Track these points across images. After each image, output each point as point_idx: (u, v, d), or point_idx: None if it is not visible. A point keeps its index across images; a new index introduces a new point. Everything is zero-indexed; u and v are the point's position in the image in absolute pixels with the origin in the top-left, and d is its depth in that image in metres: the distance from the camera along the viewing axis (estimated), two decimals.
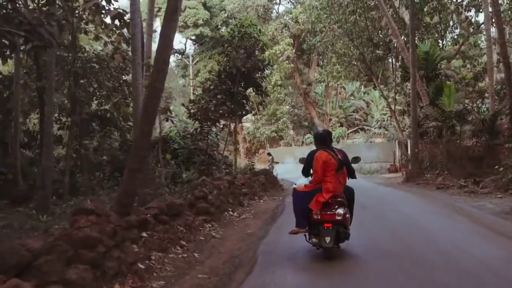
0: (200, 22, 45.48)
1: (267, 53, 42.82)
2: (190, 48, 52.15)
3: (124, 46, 17.10)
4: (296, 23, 42.02)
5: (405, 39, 21.54)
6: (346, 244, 6.65)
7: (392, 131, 38.58)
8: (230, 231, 9.15)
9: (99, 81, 17.45)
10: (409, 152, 23.51)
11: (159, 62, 7.32)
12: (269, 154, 27.86)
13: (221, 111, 17.07)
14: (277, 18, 46.10)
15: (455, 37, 24.25)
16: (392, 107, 26.85)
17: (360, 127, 46.20)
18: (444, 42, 24.80)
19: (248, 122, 52.69)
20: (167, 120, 13.75)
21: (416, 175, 18.11)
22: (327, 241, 6.19)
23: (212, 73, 17.03)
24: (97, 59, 17.50)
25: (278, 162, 42.34)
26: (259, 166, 27.66)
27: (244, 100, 17.39)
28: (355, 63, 26.81)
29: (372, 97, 50.66)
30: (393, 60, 25.55)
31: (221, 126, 17.82)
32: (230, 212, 11.01)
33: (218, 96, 16.61)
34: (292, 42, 43.60)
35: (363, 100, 52.62)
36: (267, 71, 17.30)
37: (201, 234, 8.24)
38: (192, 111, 13.42)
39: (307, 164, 6.92)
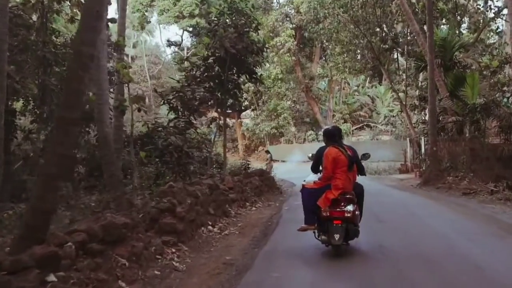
0: (197, 12, 42.99)
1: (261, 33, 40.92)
2: (187, 39, 49.74)
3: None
4: (298, 13, 39.52)
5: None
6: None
7: (400, 128, 36.23)
8: (203, 257, 6.75)
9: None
10: (422, 150, 21.10)
11: (88, 16, 4.93)
12: (267, 151, 25.54)
13: (210, 102, 14.72)
14: (278, 8, 43.57)
15: (474, 22, 21.69)
16: (402, 101, 24.35)
17: (365, 123, 43.75)
18: (461, 29, 22.28)
19: (247, 119, 50.40)
20: (139, 111, 11.35)
21: (435, 177, 15.69)
22: (336, 238, 6.15)
23: (197, 56, 14.58)
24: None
25: (278, 160, 40.13)
26: (257, 165, 25.25)
27: (236, 90, 14.95)
28: (362, 52, 24.30)
29: (377, 93, 48.41)
30: (406, 47, 22.97)
31: (210, 119, 15.43)
32: (210, 227, 8.61)
33: (206, 85, 14.22)
34: (294, 33, 41.17)
35: (368, 95, 50.38)
36: (262, 55, 14.84)
37: (158, 266, 5.85)
38: (167, 98, 10.92)
39: (317, 160, 6.86)
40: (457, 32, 21.01)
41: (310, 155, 7.35)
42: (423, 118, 24.12)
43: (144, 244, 5.88)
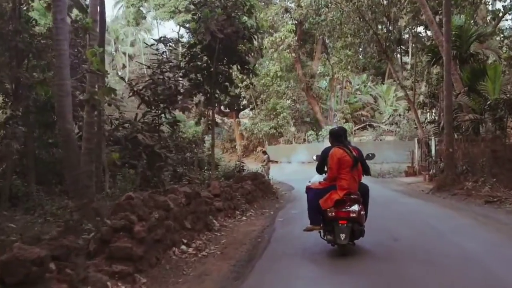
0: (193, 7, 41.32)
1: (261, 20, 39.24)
2: (184, 36, 48.03)
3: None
4: (299, 7, 37.78)
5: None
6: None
7: (405, 128, 34.51)
8: None
9: (49, 61, 13.38)
10: (433, 152, 19.36)
11: None
12: (264, 152, 23.77)
13: (196, 96, 13.05)
14: (278, 2, 41.82)
15: (493, 11, 19.91)
16: (410, 98, 22.61)
17: (368, 123, 42.02)
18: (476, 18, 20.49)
19: (246, 118, 48.68)
20: (109, 105, 9.65)
21: (451, 182, 13.93)
22: (342, 238, 6.17)
23: (182, 42, 12.86)
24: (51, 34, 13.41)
25: (277, 162, 38.40)
26: (255, 166, 23.51)
27: (227, 83, 13.23)
28: (367, 45, 22.56)
29: (380, 92, 46.71)
30: (416, 40, 21.21)
31: (198, 116, 13.75)
32: (183, 247, 6.86)
33: (191, 76, 12.54)
34: (294, 29, 39.44)
35: (370, 94, 48.67)
36: (255, 42, 13.15)
37: None
38: (135, 88, 9.07)
39: (322, 161, 6.89)
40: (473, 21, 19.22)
41: (315, 156, 7.34)
42: (433, 116, 22.41)
43: (74, 284, 4.14)
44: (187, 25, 44.90)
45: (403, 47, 57.95)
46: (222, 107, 45.73)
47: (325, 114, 43.07)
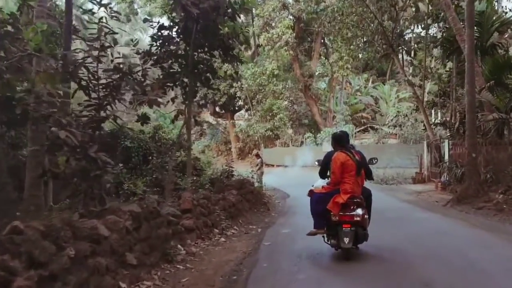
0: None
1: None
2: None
3: None
4: (297, 2, 35.69)
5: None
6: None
7: (410, 130, 32.35)
8: None
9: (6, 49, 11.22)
10: (446, 156, 17.20)
11: None
12: (257, 155, 21.59)
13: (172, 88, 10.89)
14: None
15: None
16: (418, 97, 20.48)
17: (369, 125, 39.88)
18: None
19: (242, 120, 46.48)
20: (51, 95, 7.50)
21: (474, 193, 11.75)
22: (346, 242, 6.14)
23: (152, 23, 10.64)
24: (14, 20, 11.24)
25: (273, 165, 36.29)
26: (249, 170, 21.30)
27: (209, 74, 11.05)
28: (371, 37, 20.39)
29: (381, 93, 44.66)
30: (425, 31, 19.07)
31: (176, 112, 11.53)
32: None
33: (164, 64, 10.38)
34: (292, 25, 37.32)
35: (371, 96, 46.61)
36: (239, 20, 11.00)
37: None
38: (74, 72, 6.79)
39: (324, 165, 6.86)
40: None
41: (317, 161, 7.30)
42: (444, 117, 20.28)
43: None
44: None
45: (405, 48, 56.65)
46: (217, 108, 43.65)
47: (324, 116, 40.92)
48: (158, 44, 10.28)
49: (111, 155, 15.41)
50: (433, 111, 21.64)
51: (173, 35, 10.62)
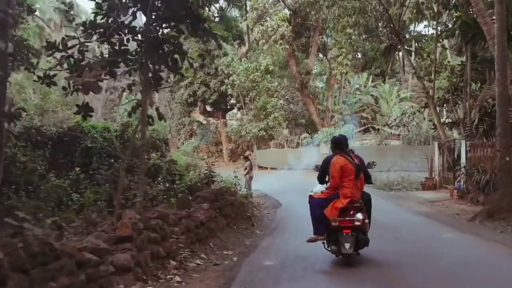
0: None
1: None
2: None
3: None
4: None
5: None
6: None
7: (414, 131, 30.03)
8: None
9: None
10: (462, 160, 14.80)
11: None
12: (245, 158, 19.23)
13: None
14: None
15: None
16: (428, 93, 18.11)
17: (370, 125, 37.55)
18: None
19: (234, 120, 44.01)
20: None
21: (508, 206, 9.35)
22: (347, 248, 6.09)
23: None
24: None
25: (267, 168, 33.81)
26: (239, 173, 18.87)
27: (176, 56, 8.61)
28: (375, 24, 17.98)
29: (382, 92, 42.37)
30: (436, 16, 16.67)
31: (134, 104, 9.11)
32: None
33: (114, 40, 7.97)
34: (288, 18, 34.97)
35: (371, 95, 44.34)
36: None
37: None
38: None
39: (323, 170, 6.74)
40: None
41: (314, 166, 7.26)
42: (457, 115, 17.93)
43: None
44: None
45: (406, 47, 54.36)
46: (207, 107, 41.19)
47: (322, 115, 38.54)
48: (104, 13, 7.84)
49: (66, 157, 12.75)
50: (443, 108, 19.22)
51: (125, 1, 8.18)
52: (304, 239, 6.64)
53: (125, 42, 8.19)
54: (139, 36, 8.62)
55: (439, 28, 18.20)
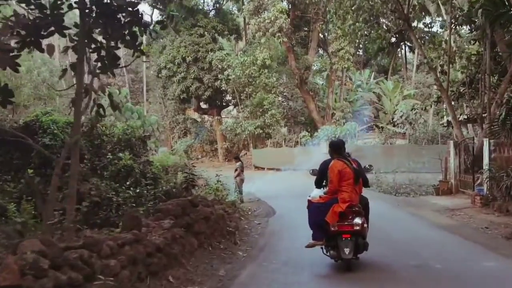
0: None
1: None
2: (159, 19, 41.40)
3: None
4: None
5: None
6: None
7: (421, 129, 28.02)
8: None
9: None
10: (485, 160, 12.73)
11: None
12: (236, 158, 17.25)
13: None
14: None
15: None
16: (441, 85, 16.05)
17: (374, 123, 35.55)
18: None
19: (230, 117, 41.98)
20: None
21: None
22: (347, 252, 6.04)
23: None
24: None
25: (263, 168, 31.75)
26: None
27: (135, 27, 6.57)
28: (382, 7, 15.90)
29: (384, 89, 40.43)
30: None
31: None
32: None
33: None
34: (287, 10, 32.94)
35: (374, 92, 42.46)
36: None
37: None
38: None
39: (321, 174, 6.70)
40: None
41: (311, 170, 7.18)
42: (475, 110, 15.89)
43: None
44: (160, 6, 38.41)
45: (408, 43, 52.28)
46: (202, 103, 39.11)
47: (322, 113, 36.51)
48: None
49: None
50: (458, 103, 17.17)
51: None
52: (300, 267, 6.42)
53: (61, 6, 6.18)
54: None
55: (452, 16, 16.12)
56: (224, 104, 39.77)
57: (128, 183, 10.55)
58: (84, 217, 8.90)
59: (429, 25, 34.90)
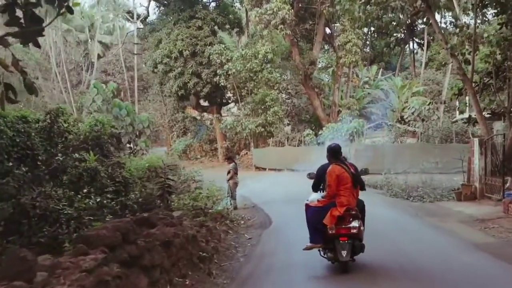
0: None
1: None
2: (155, 11, 39.52)
3: None
4: None
5: None
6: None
7: (434, 126, 25.92)
8: None
9: None
10: None
11: None
12: (229, 159, 15.35)
13: None
14: None
15: None
16: (463, 74, 14.02)
17: (382, 121, 33.51)
18: None
19: (231, 115, 40.03)
20: None
21: None
22: (344, 255, 6.18)
23: None
24: None
25: (265, 169, 29.76)
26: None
27: None
28: None
29: (392, 86, 38.50)
30: None
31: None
32: None
33: None
34: (290, 0, 30.92)
35: (381, 89, 40.56)
36: None
37: None
38: None
39: (318, 179, 6.84)
40: None
41: (308, 175, 7.20)
42: (501, 103, 13.84)
43: None
44: None
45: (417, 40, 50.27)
46: (201, 101, 37.13)
47: (327, 111, 34.48)
48: None
49: None
50: (481, 96, 15.12)
51: None
52: None
53: None
54: None
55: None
56: (224, 101, 37.83)
57: (86, 190, 8.58)
58: (27, 234, 7.00)
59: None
